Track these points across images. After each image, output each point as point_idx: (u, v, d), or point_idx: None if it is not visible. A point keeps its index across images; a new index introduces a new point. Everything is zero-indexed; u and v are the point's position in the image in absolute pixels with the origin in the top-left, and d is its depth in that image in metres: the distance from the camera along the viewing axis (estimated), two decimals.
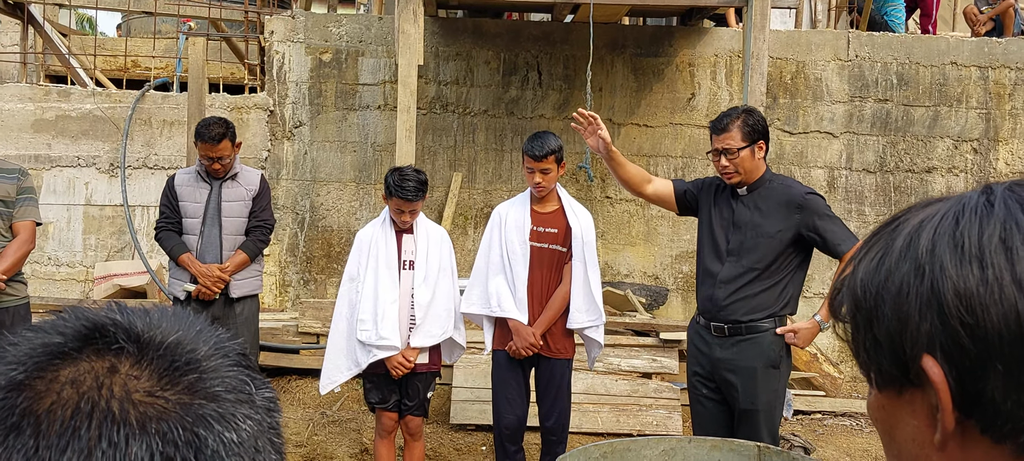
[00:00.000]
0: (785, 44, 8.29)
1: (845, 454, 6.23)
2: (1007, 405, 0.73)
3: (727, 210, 4.16)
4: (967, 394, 0.74)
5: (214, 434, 0.64)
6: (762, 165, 4.12)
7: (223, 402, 0.66)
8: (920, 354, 0.76)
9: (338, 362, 4.73)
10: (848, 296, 0.84)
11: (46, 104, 8.13)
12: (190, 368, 0.66)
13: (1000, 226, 0.75)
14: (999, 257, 0.74)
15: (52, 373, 0.64)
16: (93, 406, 0.61)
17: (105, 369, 0.64)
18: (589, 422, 6.22)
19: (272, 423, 0.70)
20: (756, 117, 4.08)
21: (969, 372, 0.74)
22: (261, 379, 0.72)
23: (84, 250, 8.14)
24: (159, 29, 10.24)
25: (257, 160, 8.13)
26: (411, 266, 4.71)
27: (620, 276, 8.25)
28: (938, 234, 0.77)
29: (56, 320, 0.69)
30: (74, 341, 0.66)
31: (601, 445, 3.40)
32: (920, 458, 0.79)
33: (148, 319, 0.70)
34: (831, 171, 8.34)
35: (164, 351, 0.67)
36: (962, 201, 0.79)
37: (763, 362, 4.02)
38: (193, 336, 0.70)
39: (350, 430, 6.14)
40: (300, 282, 8.27)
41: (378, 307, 4.60)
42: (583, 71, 7.23)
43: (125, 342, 0.66)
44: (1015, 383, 0.72)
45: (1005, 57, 8.38)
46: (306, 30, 8.24)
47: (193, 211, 5.26)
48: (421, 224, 4.79)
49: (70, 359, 0.65)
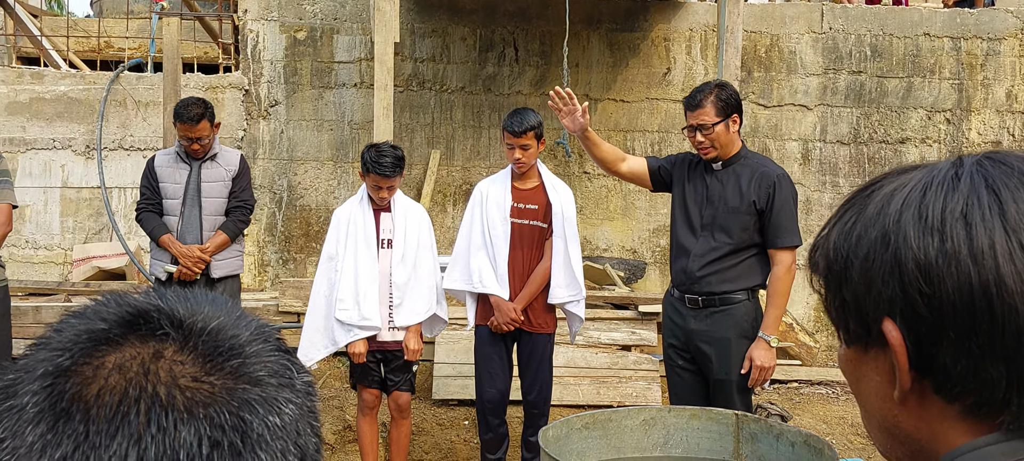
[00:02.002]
0: (759, 17, 8.34)
1: (821, 421, 6.34)
2: (957, 369, 0.78)
3: (701, 185, 4.21)
4: (923, 357, 0.79)
5: (259, 418, 0.64)
6: (737, 140, 4.17)
7: (266, 386, 0.67)
8: (882, 317, 0.81)
9: (315, 339, 4.75)
10: (822, 256, 0.89)
11: (19, 86, 8.06)
12: (233, 353, 0.67)
13: (963, 200, 0.78)
14: (959, 230, 0.77)
15: (98, 359, 0.64)
16: (140, 391, 0.62)
17: (150, 355, 0.64)
18: (570, 395, 6.29)
19: (311, 407, 0.71)
20: (729, 91, 4.13)
21: (925, 337, 0.79)
22: (299, 363, 0.72)
23: (62, 232, 8.10)
24: (132, 9, 10.14)
25: (233, 140, 8.10)
26: (389, 245, 4.72)
27: (598, 251, 8.31)
28: (906, 204, 0.81)
29: (98, 306, 0.69)
30: (118, 327, 0.66)
31: (583, 416, 3.45)
32: (883, 411, 0.85)
33: (190, 305, 0.70)
34: (805, 143, 8.42)
35: (207, 336, 0.67)
36: (932, 173, 0.83)
37: (737, 333, 4.09)
38: (234, 321, 0.70)
39: (333, 407, 6.17)
40: (279, 261, 8.27)
41: (359, 286, 4.62)
42: (559, 47, 7.25)
43: (169, 328, 0.67)
44: (965, 349, 0.77)
45: (977, 27, 8.47)
46: (280, 8, 8.20)
47: (173, 192, 5.25)
48: (399, 202, 4.80)
49: (115, 345, 0.65)
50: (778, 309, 4.08)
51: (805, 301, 8.29)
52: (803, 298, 8.28)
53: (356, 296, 4.61)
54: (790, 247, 4.06)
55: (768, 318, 4.07)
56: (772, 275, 4.08)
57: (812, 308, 8.27)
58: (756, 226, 4.08)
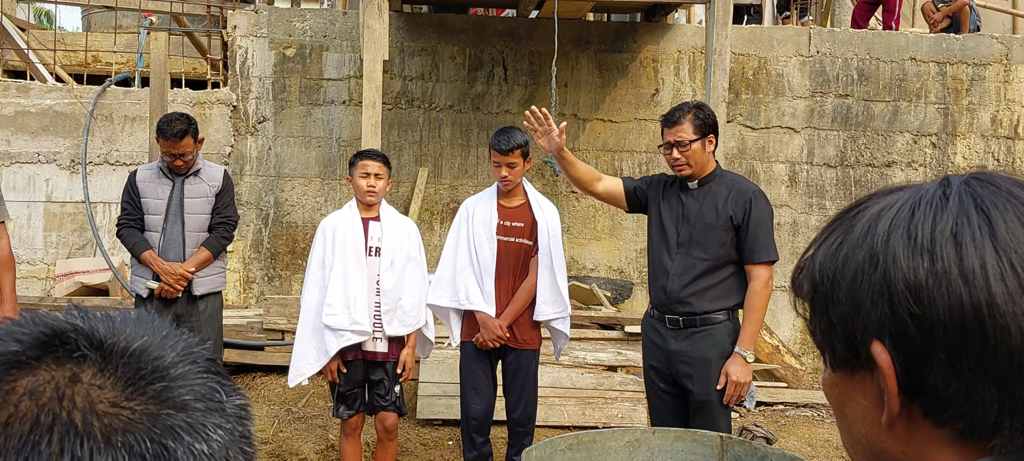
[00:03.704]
0: (747, 40, 8.38)
1: (807, 444, 6.32)
2: (948, 392, 0.76)
3: (677, 203, 4.23)
4: (912, 380, 0.77)
5: (184, 446, 0.61)
6: (712, 160, 4.22)
7: (193, 411, 0.63)
8: (870, 340, 0.79)
9: (307, 353, 4.68)
10: (807, 278, 0.87)
11: (5, 99, 8.02)
12: (157, 376, 0.63)
13: (953, 220, 0.77)
14: (949, 250, 0.76)
15: (8, 384, 0.59)
16: (54, 418, 0.58)
17: (66, 378, 0.60)
18: (555, 415, 6.25)
19: (243, 431, 0.67)
20: (707, 111, 4.18)
21: (915, 359, 0.77)
22: (232, 385, 0.69)
23: (45, 247, 8.04)
24: (120, 23, 10.12)
25: (220, 156, 8.07)
26: (377, 253, 4.71)
27: (585, 270, 8.30)
28: (894, 224, 0.80)
29: (11, 327, 0.64)
30: (32, 349, 0.62)
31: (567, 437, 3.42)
32: (870, 436, 0.83)
33: (111, 324, 0.66)
34: (792, 165, 8.44)
35: (129, 358, 0.63)
36: (920, 193, 0.81)
37: (717, 353, 4.09)
38: (159, 341, 0.66)
39: (316, 427, 6.13)
40: (264, 278, 8.23)
41: (348, 293, 4.58)
42: (548, 67, 7.26)
43: (87, 349, 0.62)
44: (956, 372, 0.75)
45: (962, 53, 8.53)
46: (269, 25, 8.19)
47: (155, 207, 5.20)
48: (386, 212, 4.80)
49: (28, 368, 0.61)
50: (754, 324, 4.09)
51: (791, 323, 8.29)
52: (789, 320, 8.28)
53: (346, 301, 4.57)
54: (767, 262, 4.08)
55: (744, 333, 4.07)
56: (749, 290, 4.09)
57: (798, 330, 8.27)
58: (733, 242, 4.09)
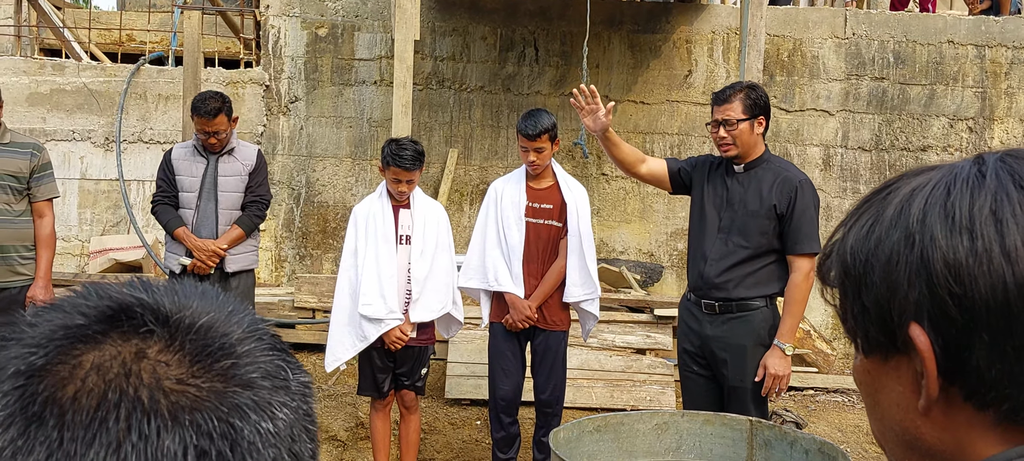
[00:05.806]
0: (782, 21, 8.28)
1: (837, 429, 6.28)
2: (991, 373, 0.74)
3: (721, 187, 4.14)
4: (952, 362, 0.75)
5: (250, 424, 0.59)
6: (760, 143, 4.10)
7: (259, 390, 0.61)
8: (907, 322, 0.77)
9: (343, 339, 4.69)
10: (837, 262, 0.85)
11: (41, 78, 8.11)
12: (224, 353, 0.61)
13: (991, 197, 0.75)
14: (989, 228, 0.74)
15: (75, 358, 0.58)
16: (121, 394, 0.56)
17: (132, 354, 0.59)
18: (583, 397, 6.26)
19: (307, 409, 0.65)
20: (760, 92, 4.07)
21: (955, 341, 0.75)
22: (296, 363, 0.67)
23: (79, 224, 8.14)
24: (154, 3, 10.19)
25: (253, 135, 8.12)
26: (408, 241, 4.71)
27: (615, 253, 8.28)
28: (929, 203, 0.78)
29: (76, 298, 0.63)
30: (98, 323, 0.60)
31: (594, 419, 3.43)
32: (904, 422, 0.81)
33: (177, 299, 0.64)
34: (827, 149, 8.35)
35: (195, 334, 0.61)
36: (954, 171, 0.80)
37: (753, 340, 4.02)
38: (225, 317, 0.64)
39: (346, 404, 6.17)
40: (296, 257, 8.28)
41: (382, 282, 4.60)
42: (580, 47, 7.22)
43: (153, 324, 0.61)
44: (1000, 352, 0.73)
45: (1002, 36, 8.37)
46: (302, 4, 8.21)
47: (189, 185, 5.25)
48: (418, 199, 4.79)
49: (94, 342, 0.59)
50: (795, 317, 4.00)
51: (823, 308, 8.22)
52: (821, 305, 8.21)
53: (381, 291, 4.59)
54: (809, 254, 3.97)
55: (784, 326, 4.00)
56: (790, 282, 4.00)
57: (830, 315, 8.19)
58: (775, 231, 4.00)
